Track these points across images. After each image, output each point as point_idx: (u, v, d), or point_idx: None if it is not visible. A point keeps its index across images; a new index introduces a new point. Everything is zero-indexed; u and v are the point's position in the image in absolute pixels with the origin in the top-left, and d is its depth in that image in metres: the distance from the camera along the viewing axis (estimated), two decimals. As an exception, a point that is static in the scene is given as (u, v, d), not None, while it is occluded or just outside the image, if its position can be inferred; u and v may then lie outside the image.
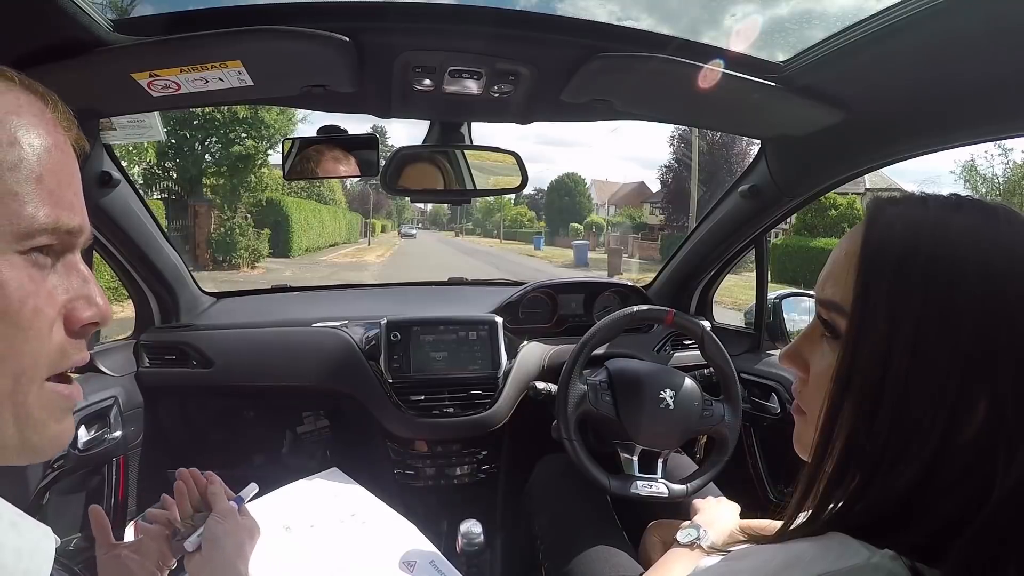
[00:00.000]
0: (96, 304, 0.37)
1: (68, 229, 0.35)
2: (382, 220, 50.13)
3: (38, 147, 0.34)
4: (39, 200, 0.33)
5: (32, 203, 0.33)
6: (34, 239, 0.33)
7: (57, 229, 0.34)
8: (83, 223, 0.37)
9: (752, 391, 1.38)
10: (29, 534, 0.34)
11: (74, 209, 0.36)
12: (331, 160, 1.04)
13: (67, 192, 0.36)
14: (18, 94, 0.35)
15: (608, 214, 40.45)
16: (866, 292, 0.38)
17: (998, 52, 0.63)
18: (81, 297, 0.36)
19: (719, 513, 0.87)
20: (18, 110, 0.34)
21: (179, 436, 1.40)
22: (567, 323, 1.54)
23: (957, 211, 0.38)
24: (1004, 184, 13.17)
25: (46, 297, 0.34)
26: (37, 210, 0.33)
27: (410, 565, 0.87)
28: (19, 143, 0.33)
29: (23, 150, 0.33)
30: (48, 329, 0.34)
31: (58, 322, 0.35)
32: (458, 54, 0.79)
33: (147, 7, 0.83)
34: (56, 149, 0.35)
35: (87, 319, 0.37)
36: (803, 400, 0.45)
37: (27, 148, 0.33)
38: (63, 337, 0.35)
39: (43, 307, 0.34)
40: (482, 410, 1.28)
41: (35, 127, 0.34)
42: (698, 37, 6.21)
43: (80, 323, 0.36)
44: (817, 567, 0.36)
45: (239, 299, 1.68)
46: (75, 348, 0.37)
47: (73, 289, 0.36)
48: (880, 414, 0.37)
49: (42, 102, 0.36)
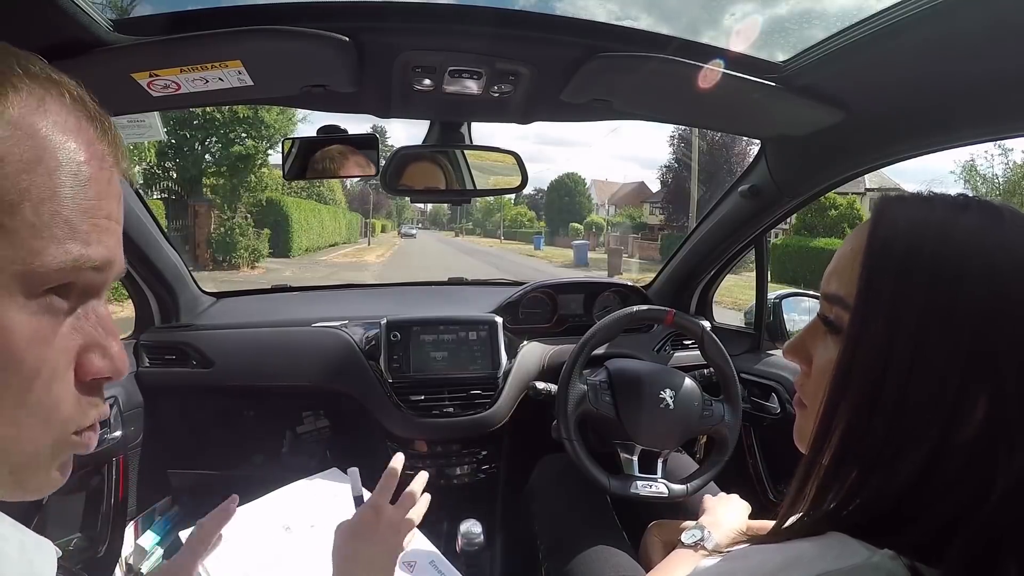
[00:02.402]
0: (111, 356, 0.33)
1: (94, 265, 0.31)
2: (382, 220, 50.16)
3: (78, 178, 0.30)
4: (63, 234, 0.29)
5: (53, 238, 0.29)
6: (50, 280, 0.29)
7: (79, 267, 0.30)
8: (112, 256, 0.32)
9: (752, 391, 1.38)
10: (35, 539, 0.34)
11: (103, 242, 0.31)
12: (331, 160, 1.04)
13: (100, 223, 0.31)
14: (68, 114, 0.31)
15: (608, 214, 40.45)
16: (869, 287, 0.39)
17: (998, 52, 0.63)
18: (96, 347, 0.32)
19: (726, 513, 0.86)
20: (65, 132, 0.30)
21: (179, 436, 1.40)
22: (567, 323, 1.54)
23: (963, 211, 0.38)
24: (1004, 184, 13.18)
25: (59, 348, 0.30)
26: (55, 247, 0.29)
27: (410, 565, 0.87)
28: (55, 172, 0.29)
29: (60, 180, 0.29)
30: (60, 383, 0.31)
31: (70, 374, 0.31)
32: (458, 54, 0.79)
33: (147, 7, 0.83)
34: (99, 182, 0.31)
35: (98, 372, 0.32)
36: (804, 393, 0.45)
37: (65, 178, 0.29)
38: (75, 393, 0.32)
39: (54, 359, 0.30)
40: (482, 410, 1.28)
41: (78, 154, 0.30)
42: (697, 37, 6.22)
43: (90, 376, 0.32)
44: (817, 567, 0.36)
45: (239, 299, 1.68)
46: (91, 404, 0.33)
47: (88, 336, 0.32)
48: (879, 409, 0.37)
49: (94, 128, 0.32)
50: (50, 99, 0.30)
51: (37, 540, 0.34)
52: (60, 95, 0.31)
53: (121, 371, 0.33)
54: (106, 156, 0.32)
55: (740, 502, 0.90)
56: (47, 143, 0.29)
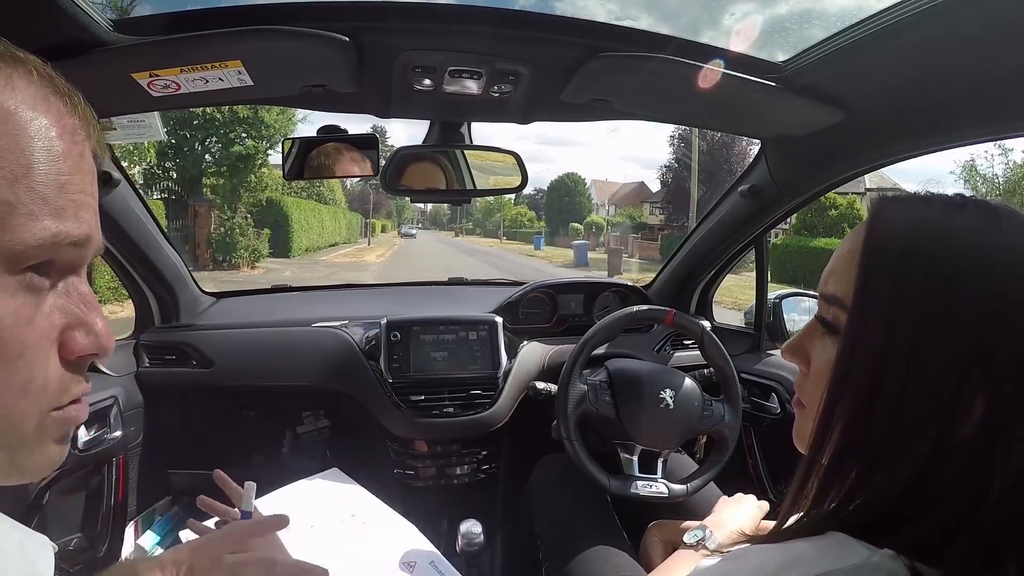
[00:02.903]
0: (95, 333, 0.32)
1: (73, 241, 0.31)
2: (382, 220, 50.17)
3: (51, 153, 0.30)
4: (39, 211, 0.29)
5: (30, 214, 0.28)
6: (29, 258, 0.29)
7: (58, 243, 0.30)
8: (90, 231, 0.32)
9: (752, 391, 1.38)
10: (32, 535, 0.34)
11: (80, 218, 0.31)
12: (331, 160, 1.04)
13: (76, 197, 0.31)
14: (36, 90, 0.30)
15: (608, 214, 40.47)
16: (866, 287, 0.39)
17: (998, 52, 0.63)
18: (80, 324, 0.32)
19: (732, 515, 0.84)
20: (34, 108, 0.30)
21: (179, 436, 1.40)
22: (567, 323, 1.54)
23: (960, 211, 0.38)
24: (1004, 184, 13.18)
25: (41, 327, 0.30)
26: (32, 224, 0.28)
27: (410, 565, 0.87)
28: (27, 148, 0.29)
29: (33, 156, 0.29)
30: (43, 362, 0.30)
31: (53, 353, 0.31)
32: (458, 54, 0.79)
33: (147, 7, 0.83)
34: (71, 157, 0.31)
35: (83, 350, 0.32)
36: (803, 394, 0.46)
37: (38, 154, 0.29)
38: (60, 371, 0.32)
39: (37, 339, 0.30)
40: (482, 410, 1.28)
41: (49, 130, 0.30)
42: (697, 36, 6.22)
43: (75, 354, 0.32)
44: (817, 567, 0.36)
45: (239, 299, 1.68)
46: (74, 381, 0.33)
47: (71, 314, 0.32)
48: (877, 408, 0.37)
49: (63, 102, 0.32)
50: (17, 76, 0.30)
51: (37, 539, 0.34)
52: (27, 72, 0.30)
53: (106, 348, 0.33)
54: (77, 130, 0.32)
55: (752, 505, 0.86)
56: (17, 119, 0.29)
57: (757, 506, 0.87)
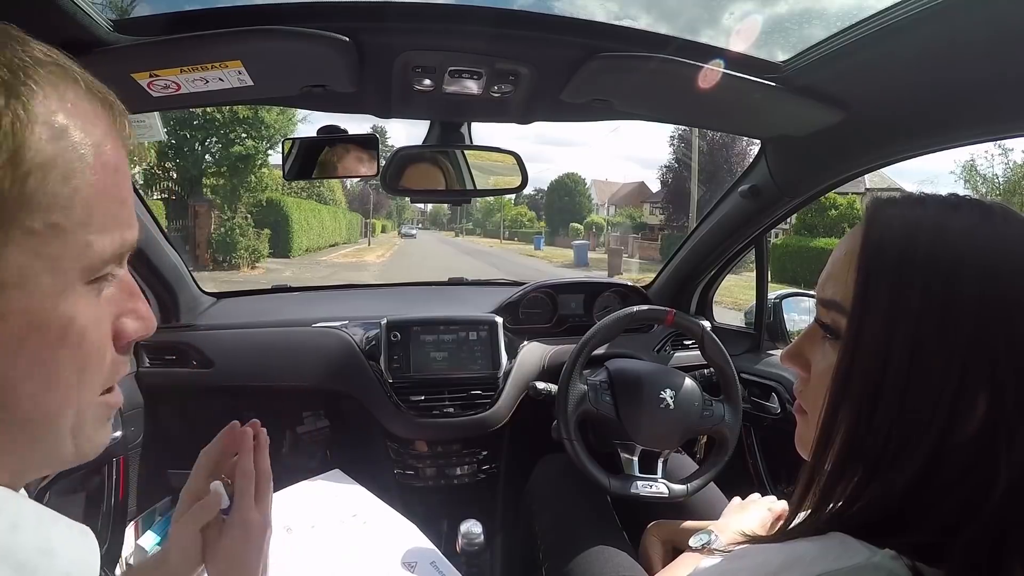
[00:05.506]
0: (142, 317, 0.35)
1: (132, 244, 0.33)
2: (382, 220, 50.14)
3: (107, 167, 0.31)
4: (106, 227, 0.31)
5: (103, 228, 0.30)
6: (105, 268, 0.31)
7: (125, 251, 0.32)
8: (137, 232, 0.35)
9: (752, 391, 1.38)
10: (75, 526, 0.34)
11: (134, 222, 0.33)
12: (331, 160, 1.04)
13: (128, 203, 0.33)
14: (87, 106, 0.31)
15: (608, 214, 40.47)
16: (865, 291, 0.39)
17: (998, 52, 0.63)
18: (129, 312, 0.34)
19: (738, 519, 0.81)
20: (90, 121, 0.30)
21: (179, 436, 1.40)
22: (567, 323, 1.54)
23: (955, 211, 0.38)
24: (1004, 184, 13.18)
25: (106, 324, 0.33)
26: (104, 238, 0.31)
27: (411, 565, 0.87)
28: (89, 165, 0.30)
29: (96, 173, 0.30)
30: (107, 353, 0.33)
31: (110, 341, 0.33)
32: (458, 54, 0.79)
33: (147, 7, 0.84)
34: (121, 166, 0.32)
35: (133, 335, 0.35)
36: (804, 400, 0.45)
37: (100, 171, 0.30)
38: (113, 356, 0.34)
39: (105, 336, 0.33)
40: (482, 410, 1.28)
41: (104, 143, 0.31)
42: (697, 36, 6.22)
43: (128, 339, 0.34)
44: (817, 567, 0.36)
45: (239, 299, 1.68)
46: (122, 363, 0.35)
47: (120, 303, 0.34)
48: (879, 411, 0.37)
49: (107, 112, 0.32)
50: (68, 90, 0.30)
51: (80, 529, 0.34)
52: (75, 83, 0.31)
53: (151, 328, 0.36)
54: (121, 140, 0.33)
55: (761, 511, 0.82)
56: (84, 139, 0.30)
57: (767, 509, 0.82)
